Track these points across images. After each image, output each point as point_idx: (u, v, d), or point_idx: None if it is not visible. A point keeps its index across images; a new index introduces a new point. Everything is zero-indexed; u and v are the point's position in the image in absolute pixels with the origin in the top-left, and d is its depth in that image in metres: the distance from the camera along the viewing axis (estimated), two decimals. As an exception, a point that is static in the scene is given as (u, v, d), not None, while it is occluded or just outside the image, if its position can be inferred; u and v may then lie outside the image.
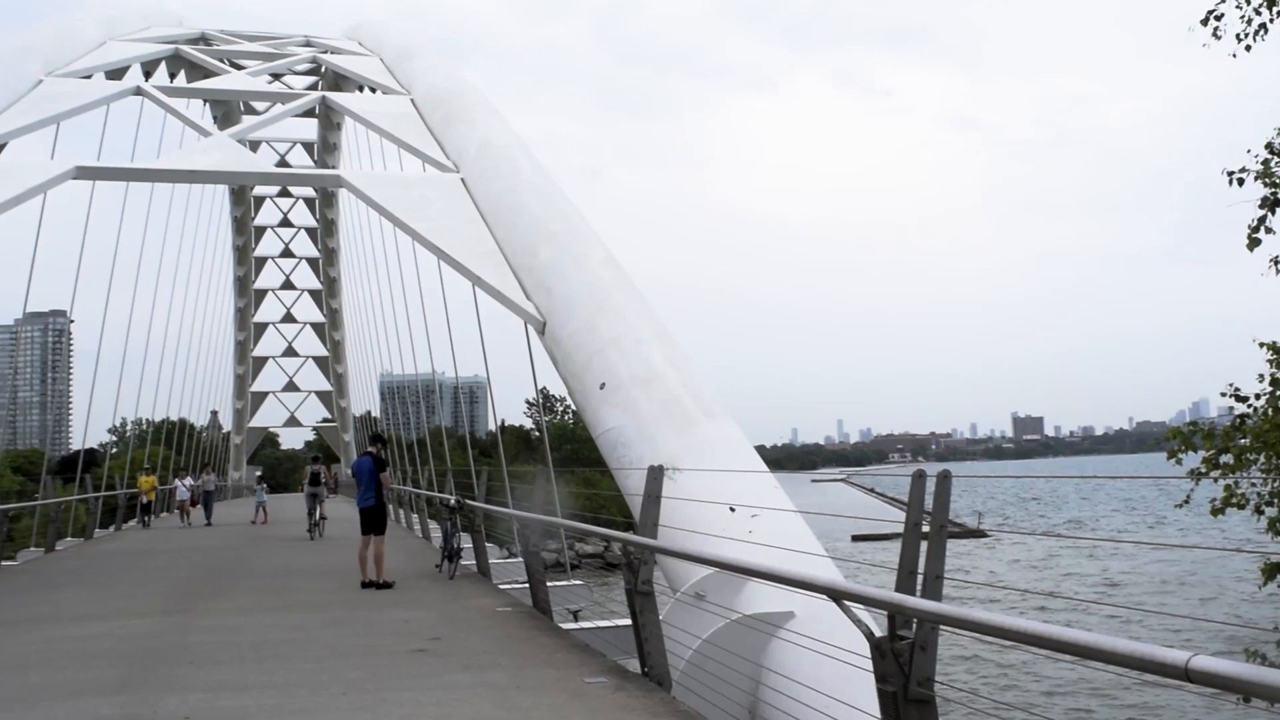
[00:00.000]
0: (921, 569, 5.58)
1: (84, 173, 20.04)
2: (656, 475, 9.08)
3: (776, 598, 8.94)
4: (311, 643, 10.61)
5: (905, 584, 5.60)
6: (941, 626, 5.23)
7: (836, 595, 5.89)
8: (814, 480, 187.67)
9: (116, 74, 26.78)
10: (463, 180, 20.50)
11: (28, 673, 9.34)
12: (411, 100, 25.15)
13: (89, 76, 25.43)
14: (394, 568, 15.63)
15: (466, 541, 17.43)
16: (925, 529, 5.72)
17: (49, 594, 16.01)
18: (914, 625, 5.36)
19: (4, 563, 21.42)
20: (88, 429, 41.32)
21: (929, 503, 5.68)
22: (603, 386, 13.78)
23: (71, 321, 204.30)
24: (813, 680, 7.63)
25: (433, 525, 25.01)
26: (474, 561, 17.20)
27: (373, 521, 15.38)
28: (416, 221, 19.03)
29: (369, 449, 16.25)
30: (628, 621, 10.44)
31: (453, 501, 17.61)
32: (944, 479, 5.60)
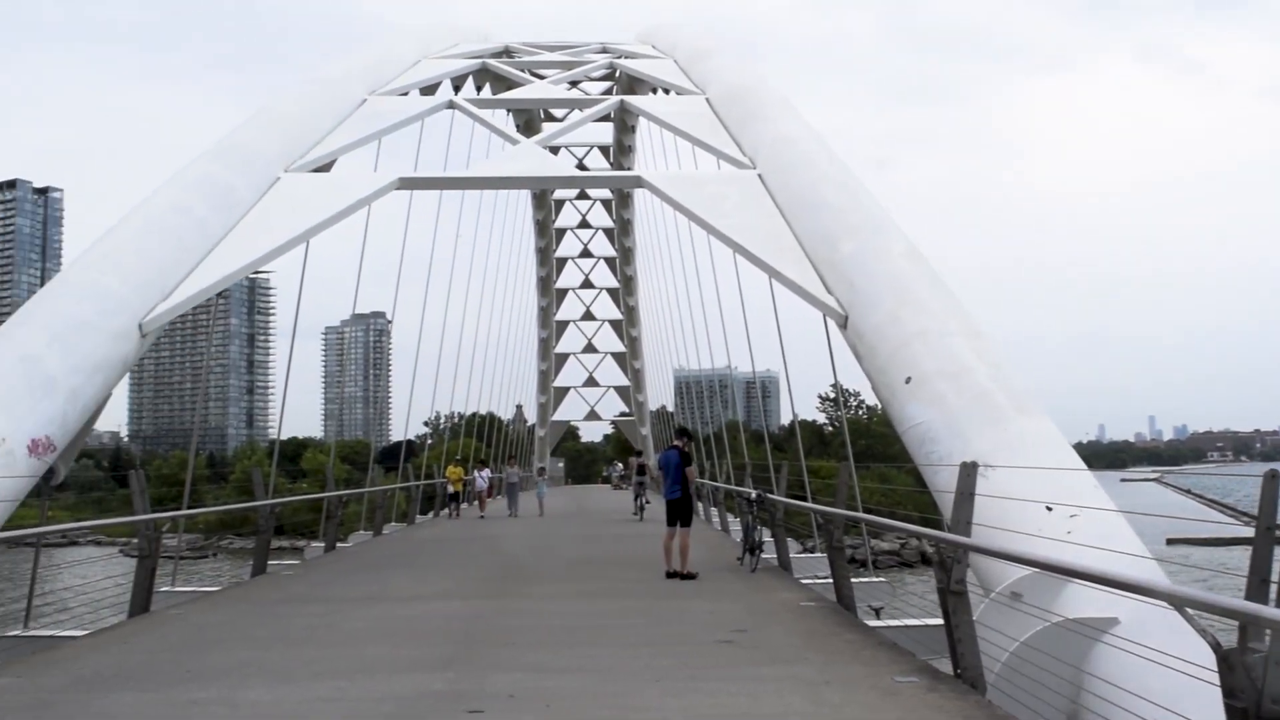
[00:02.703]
0: (1275, 577, 5.18)
1: (405, 183, 21.33)
2: (970, 472, 8.82)
3: (1099, 601, 8.51)
4: (621, 629, 10.92)
5: (1257, 592, 5.20)
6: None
7: (1178, 602, 5.53)
8: (1123, 480, 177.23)
9: (430, 90, 28.40)
10: (759, 176, 20.51)
11: (366, 646, 10.05)
12: (706, 99, 25.40)
13: (406, 94, 27.10)
14: (696, 559, 15.82)
15: (766, 535, 17.47)
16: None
17: (378, 574, 17.17)
18: (1267, 637, 4.98)
19: (338, 544, 23.18)
20: (408, 422, 44.22)
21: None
22: (909, 381, 13.50)
23: (390, 322, 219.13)
24: (1143, 690, 7.23)
25: (731, 519, 25.24)
26: (774, 555, 17.24)
27: (679, 513, 15.50)
28: (715, 219, 19.21)
29: (675, 443, 16.38)
30: (934, 620, 10.20)
31: (753, 495, 17.68)
32: (1301, 479, 5.17)
